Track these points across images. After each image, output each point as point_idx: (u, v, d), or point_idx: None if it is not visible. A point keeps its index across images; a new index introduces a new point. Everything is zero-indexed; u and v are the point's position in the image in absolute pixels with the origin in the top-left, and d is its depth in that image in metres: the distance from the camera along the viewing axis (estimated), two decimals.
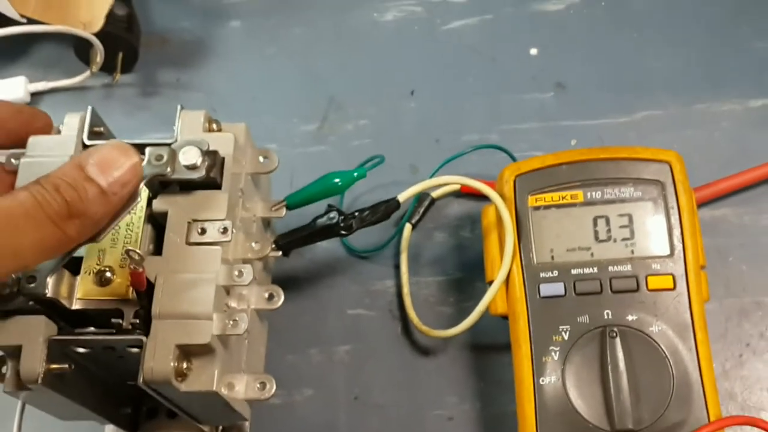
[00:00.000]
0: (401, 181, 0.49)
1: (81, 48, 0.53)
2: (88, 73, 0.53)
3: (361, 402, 0.46)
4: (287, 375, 0.46)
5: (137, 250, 0.34)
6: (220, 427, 0.45)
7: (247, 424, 0.45)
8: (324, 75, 0.55)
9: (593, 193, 0.42)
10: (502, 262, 0.42)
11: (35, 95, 0.54)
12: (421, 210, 0.49)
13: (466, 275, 0.48)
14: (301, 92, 0.54)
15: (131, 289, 0.35)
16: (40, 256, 0.32)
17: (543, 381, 0.40)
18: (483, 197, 0.49)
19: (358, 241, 0.49)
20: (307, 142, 0.53)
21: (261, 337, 0.45)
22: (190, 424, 0.44)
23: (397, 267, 0.48)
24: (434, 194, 0.49)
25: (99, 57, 0.52)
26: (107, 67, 0.53)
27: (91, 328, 0.36)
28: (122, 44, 0.53)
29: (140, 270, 0.34)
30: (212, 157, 0.37)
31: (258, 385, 0.39)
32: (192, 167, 0.37)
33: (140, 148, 0.37)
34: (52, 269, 0.34)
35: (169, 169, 0.36)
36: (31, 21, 0.51)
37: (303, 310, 0.48)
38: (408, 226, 0.48)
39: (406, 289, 0.47)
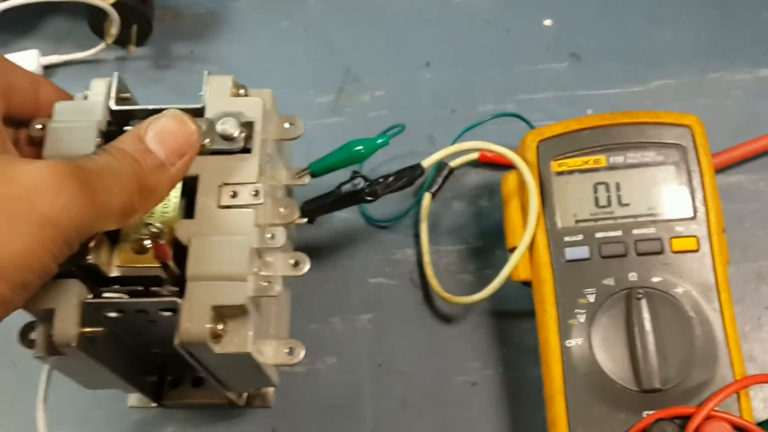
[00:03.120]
0: (419, 151, 0.49)
1: (94, 20, 0.53)
2: (102, 45, 0.53)
3: (384, 369, 0.46)
4: (310, 343, 0.45)
5: (156, 224, 0.34)
6: (245, 395, 0.45)
7: (271, 391, 0.45)
8: (339, 47, 0.55)
9: (616, 158, 0.43)
10: (525, 228, 0.42)
11: (48, 68, 0.54)
12: (440, 179, 0.49)
13: (486, 243, 0.49)
14: (317, 64, 0.54)
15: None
16: (119, 222, 0.32)
17: (570, 343, 0.40)
18: (500, 167, 0.50)
19: (378, 210, 0.49)
20: (324, 113, 0.53)
21: (285, 305, 0.45)
22: (215, 392, 0.44)
23: (417, 236, 0.49)
24: (452, 164, 0.50)
25: (114, 28, 0.51)
26: (121, 40, 0.53)
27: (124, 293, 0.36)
28: (137, 16, 0.53)
29: (162, 242, 0.34)
30: (249, 128, 0.37)
31: (286, 350, 0.39)
32: (229, 138, 0.37)
33: None
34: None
35: (207, 140, 0.36)
36: None
37: (324, 279, 0.48)
38: (427, 196, 0.49)
39: (426, 258, 0.47)
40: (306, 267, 0.40)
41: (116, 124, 0.39)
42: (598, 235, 0.42)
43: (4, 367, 0.46)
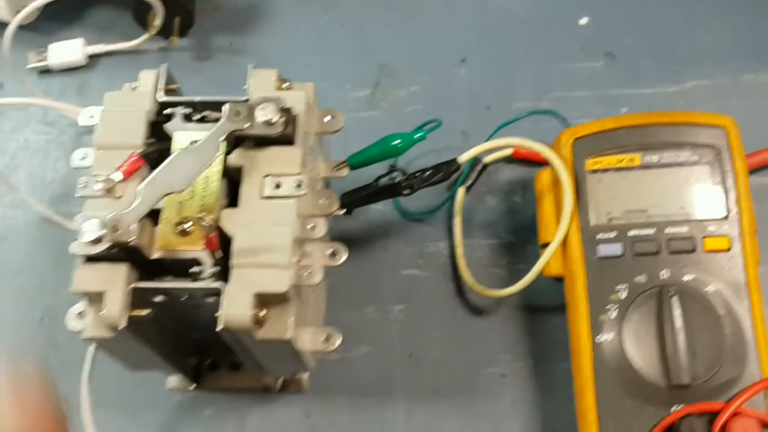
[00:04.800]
0: (453, 146, 0.50)
1: (139, 12, 0.54)
2: (145, 36, 0.54)
3: (416, 359, 0.47)
4: (344, 332, 0.46)
5: (207, 218, 0.35)
6: (280, 380, 0.46)
7: (305, 377, 0.46)
8: (375, 43, 0.56)
9: (651, 157, 0.43)
10: (559, 224, 0.43)
11: (93, 57, 0.55)
12: (474, 175, 0.50)
13: (518, 239, 0.49)
14: (353, 59, 0.55)
15: None
16: None
17: (600, 338, 0.41)
18: (534, 163, 0.51)
19: (412, 204, 0.50)
20: (360, 107, 0.54)
21: (322, 293, 0.46)
22: (251, 377, 0.45)
23: (450, 230, 0.49)
24: (486, 159, 0.50)
25: (158, 20, 0.53)
26: (163, 32, 0.55)
27: (170, 277, 0.37)
28: (180, 8, 0.54)
29: (212, 235, 0.35)
30: (288, 114, 0.38)
31: (323, 338, 0.41)
32: (269, 123, 0.38)
33: (217, 105, 0.39)
34: (136, 217, 0.35)
35: (246, 125, 0.37)
36: None
37: (358, 270, 0.49)
38: (461, 190, 0.49)
39: (459, 251, 0.48)
40: (343, 257, 0.41)
41: (163, 114, 0.40)
42: (631, 233, 0.42)
43: (48, 348, 0.48)
